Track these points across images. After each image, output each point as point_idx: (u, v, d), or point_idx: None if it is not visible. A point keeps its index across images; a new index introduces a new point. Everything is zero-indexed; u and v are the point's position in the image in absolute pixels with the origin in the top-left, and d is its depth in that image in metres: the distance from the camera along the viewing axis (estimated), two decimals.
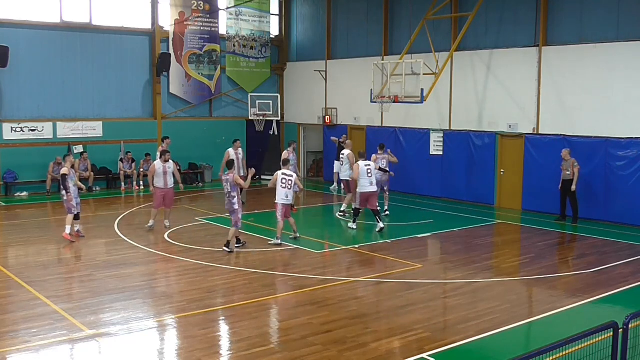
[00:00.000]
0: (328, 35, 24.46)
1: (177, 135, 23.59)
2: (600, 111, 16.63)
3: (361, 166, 15.24)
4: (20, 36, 20.49)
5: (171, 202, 15.44)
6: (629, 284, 11.06)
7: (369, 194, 15.22)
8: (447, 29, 20.03)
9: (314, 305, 9.80)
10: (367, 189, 15.18)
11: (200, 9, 23.71)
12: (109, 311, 9.43)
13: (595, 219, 16.66)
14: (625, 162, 16.12)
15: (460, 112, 19.90)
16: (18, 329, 8.65)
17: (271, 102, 24.44)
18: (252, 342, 8.24)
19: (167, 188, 15.06)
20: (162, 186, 15.00)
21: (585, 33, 17.07)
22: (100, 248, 13.63)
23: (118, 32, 22.39)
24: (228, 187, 13.15)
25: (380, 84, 18.65)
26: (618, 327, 5.53)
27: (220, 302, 10.03)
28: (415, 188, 21.04)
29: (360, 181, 15.22)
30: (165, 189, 15.05)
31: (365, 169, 15.23)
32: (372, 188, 15.23)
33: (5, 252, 13.30)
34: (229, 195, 13.16)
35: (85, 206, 19.01)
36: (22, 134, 20.69)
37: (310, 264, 12.40)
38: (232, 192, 13.08)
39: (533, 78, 17.95)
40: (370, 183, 15.22)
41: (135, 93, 23.04)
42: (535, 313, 9.67)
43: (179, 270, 11.83)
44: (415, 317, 9.22)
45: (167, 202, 15.24)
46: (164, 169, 14.98)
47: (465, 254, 13.32)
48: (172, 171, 15.17)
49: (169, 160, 15.14)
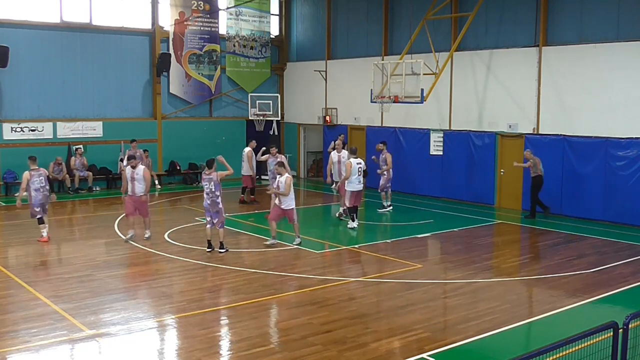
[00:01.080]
0: (328, 35, 24.45)
1: (177, 135, 23.68)
2: (600, 111, 16.63)
3: (353, 164, 15.34)
4: (20, 36, 20.49)
5: (146, 212, 14.05)
6: (629, 284, 11.06)
7: (357, 192, 15.43)
8: (447, 29, 20.03)
9: (314, 305, 9.80)
10: (356, 187, 15.37)
11: (200, 9, 23.70)
12: (109, 311, 9.42)
13: (595, 219, 16.67)
14: (625, 162, 16.11)
15: (460, 112, 19.90)
16: (18, 329, 8.64)
17: (271, 102, 24.44)
18: (252, 342, 8.24)
19: (135, 196, 13.76)
20: (130, 193, 13.84)
21: (585, 33, 17.06)
22: (100, 248, 13.63)
23: (118, 32, 22.39)
24: (211, 186, 12.90)
25: (380, 84, 18.65)
26: (618, 327, 5.53)
27: (220, 302, 10.03)
28: (415, 188, 21.04)
29: (351, 178, 15.33)
30: (134, 197, 13.78)
31: (357, 167, 15.35)
32: (360, 186, 15.48)
33: (5, 252, 13.30)
34: (212, 194, 12.95)
35: (85, 206, 19.06)
36: (22, 134, 20.69)
37: (310, 264, 12.39)
38: (216, 192, 12.99)
39: (533, 78, 17.95)
40: (359, 182, 15.43)
41: (135, 93, 23.03)
42: (535, 313, 9.66)
43: (179, 270, 11.82)
44: (415, 317, 9.22)
45: (140, 211, 13.99)
46: (132, 174, 13.69)
47: (465, 254, 13.32)
48: (140, 177, 13.74)
49: (137, 166, 13.85)
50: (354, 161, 15.40)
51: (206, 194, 13.03)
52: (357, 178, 15.36)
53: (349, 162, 15.47)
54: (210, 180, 12.94)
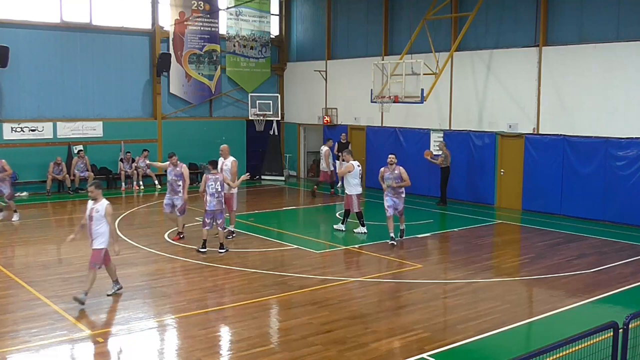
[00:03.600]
0: (328, 35, 24.45)
1: (177, 135, 23.67)
2: (600, 111, 16.63)
3: (355, 167, 14.93)
4: (20, 36, 20.49)
5: (230, 206, 14.14)
6: (629, 284, 11.06)
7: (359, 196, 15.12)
8: (447, 29, 20.03)
9: (314, 305, 9.80)
10: (359, 190, 15.05)
11: (200, 9, 23.71)
12: (109, 311, 9.43)
13: (595, 219, 16.67)
14: (625, 162, 16.12)
15: (460, 112, 19.90)
16: (18, 329, 8.64)
17: (271, 102, 24.44)
18: (252, 342, 8.24)
19: None
20: None
21: (585, 33, 17.06)
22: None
23: (118, 32, 22.39)
24: (217, 186, 12.90)
25: (380, 84, 18.65)
26: (618, 327, 5.53)
27: (220, 302, 10.03)
28: (415, 188, 20.95)
29: (353, 181, 14.88)
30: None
31: (358, 169, 15.01)
32: (361, 189, 15.19)
33: (5, 252, 13.30)
34: (218, 194, 12.93)
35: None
36: (22, 134, 20.70)
37: (310, 264, 12.40)
38: (222, 192, 13.01)
39: (533, 78, 17.95)
40: (359, 184, 15.11)
41: (135, 93, 23.03)
42: (535, 313, 9.66)
43: (179, 270, 11.83)
44: (415, 317, 9.22)
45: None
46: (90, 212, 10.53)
47: (465, 254, 13.32)
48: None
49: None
50: (355, 163, 14.97)
51: (210, 194, 12.90)
52: (359, 181, 14.98)
53: (350, 164, 14.90)
54: (217, 180, 12.94)
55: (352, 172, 14.86)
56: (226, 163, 14.01)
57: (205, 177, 13.10)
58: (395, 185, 13.85)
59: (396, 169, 13.92)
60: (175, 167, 14.08)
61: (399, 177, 13.86)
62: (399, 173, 13.88)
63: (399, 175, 13.87)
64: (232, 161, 14.06)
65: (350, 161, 15.00)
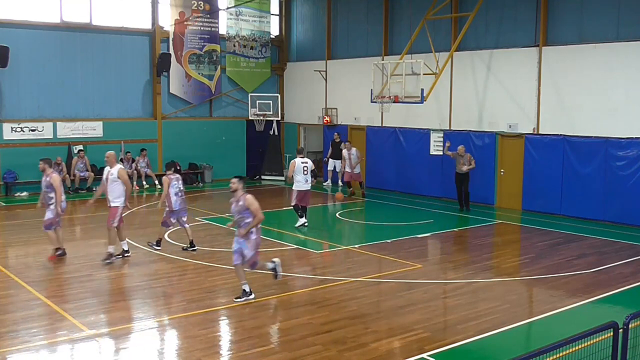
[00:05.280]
0: (328, 35, 24.45)
1: (177, 135, 23.68)
2: (600, 111, 16.63)
3: (297, 163, 15.49)
4: (20, 36, 20.49)
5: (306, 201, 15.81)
6: (629, 284, 11.06)
7: (304, 192, 15.53)
8: (447, 29, 20.03)
9: (314, 305, 9.80)
10: (302, 186, 15.50)
11: (200, 9, 23.70)
12: (109, 311, 9.43)
13: (595, 219, 16.67)
14: (625, 162, 16.11)
15: (460, 112, 19.90)
16: (18, 329, 8.64)
17: (271, 102, 24.44)
18: (252, 342, 8.24)
19: None
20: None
21: (585, 33, 17.06)
22: (100, 248, 13.58)
23: (118, 32, 22.39)
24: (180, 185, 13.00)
25: (380, 84, 18.65)
26: (618, 327, 5.53)
27: (220, 302, 10.02)
28: (415, 188, 21.04)
29: (297, 177, 15.47)
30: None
31: (302, 166, 15.49)
32: (306, 186, 15.56)
33: (5, 252, 13.31)
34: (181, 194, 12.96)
35: (84, 206, 19.02)
36: (22, 134, 20.70)
37: (310, 264, 12.39)
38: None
39: (533, 78, 17.95)
40: (306, 181, 15.54)
41: (135, 93, 23.03)
42: (535, 313, 9.66)
43: (179, 270, 11.83)
44: (415, 317, 9.22)
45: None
46: None
47: (465, 254, 13.32)
48: None
49: None
50: (299, 160, 15.54)
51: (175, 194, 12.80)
52: (304, 177, 15.48)
53: (293, 161, 15.69)
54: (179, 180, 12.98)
55: (295, 168, 15.49)
56: (112, 172, 12.17)
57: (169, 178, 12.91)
58: None
59: (241, 198, 9.85)
60: None
61: (244, 210, 9.77)
62: (243, 204, 9.78)
63: (244, 208, 9.78)
64: (118, 169, 12.26)
65: (298, 158, 15.66)
